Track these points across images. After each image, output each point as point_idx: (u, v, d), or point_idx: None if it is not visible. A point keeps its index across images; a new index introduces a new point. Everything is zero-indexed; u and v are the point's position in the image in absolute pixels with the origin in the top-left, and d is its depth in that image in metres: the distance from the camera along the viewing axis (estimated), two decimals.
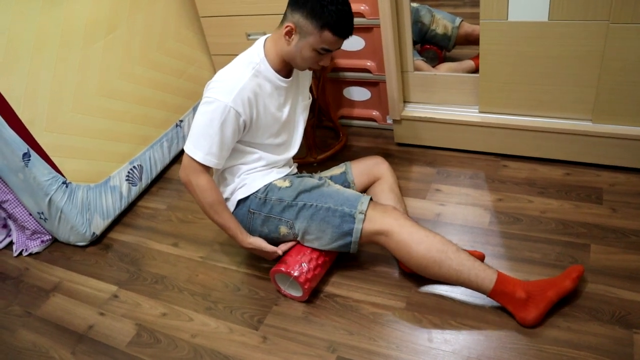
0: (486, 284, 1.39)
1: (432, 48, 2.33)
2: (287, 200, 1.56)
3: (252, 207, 1.61)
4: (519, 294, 1.37)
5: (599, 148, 1.85)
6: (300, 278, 1.53)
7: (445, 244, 1.42)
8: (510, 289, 1.37)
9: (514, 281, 1.39)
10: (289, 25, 1.43)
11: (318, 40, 1.42)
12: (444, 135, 2.13)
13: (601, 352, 1.31)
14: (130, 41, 2.17)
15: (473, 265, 1.39)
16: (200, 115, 1.48)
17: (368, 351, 1.43)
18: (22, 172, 1.85)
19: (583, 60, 1.73)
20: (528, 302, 1.37)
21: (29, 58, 1.78)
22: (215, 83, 1.48)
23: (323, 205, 1.52)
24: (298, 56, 1.47)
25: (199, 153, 1.48)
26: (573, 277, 1.40)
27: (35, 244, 2.08)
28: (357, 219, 1.48)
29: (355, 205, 1.50)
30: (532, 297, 1.37)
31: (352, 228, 1.49)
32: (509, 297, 1.38)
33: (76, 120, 1.97)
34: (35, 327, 1.74)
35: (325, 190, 1.57)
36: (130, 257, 1.96)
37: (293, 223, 1.56)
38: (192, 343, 1.56)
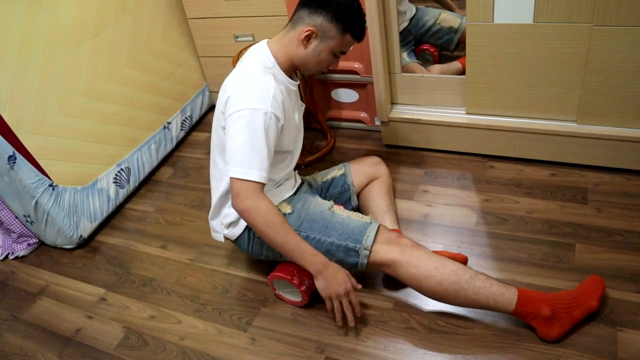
0: (506, 307, 1.34)
1: (428, 49, 2.34)
2: (295, 224, 1.50)
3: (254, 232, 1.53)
4: (544, 311, 1.32)
5: (584, 149, 1.88)
6: (302, 286, 1.52)
7: (457, 275, 1.36)
8: (533, 309, 1.33)
9: (537, 298, 1.34)
10: (311, 29, 1.40)
11: (339, 43, 1.44)
12: (431, 137, 2.14)
13: (586, 350, 1.33)
14: (117, 43, 2.17)
15: (490, 292, 1.34)
16: (238, 133, 1.35)
17: (356, 352, 1.44)
18: (8, 175, 1.83)
19: (567, 62, 1.75)
20: (553, 320, 1.33)
21: (15, 60, 1.77)
22: (241, 94, 1.38)
23: (327, 240, 1.47)
24: (314, 60, 1.46)
25: (254, 172, 1.35)
26: (598, 296, 1.36)
27: (22, 247, 2.07)
28: (362, 254, 1.44)
29: (360, 240, 1.44)
30: (557, 315, 1.33)
31: (356, 262, 1.45)
32: (532, 315, 1.34)
33: (63, 122, 1.95)
34: (22, 331, 1.73)
35: (330, 220, 1.50)
36: (118, 260, 1.95)
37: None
38: (180, 345, 1.56)
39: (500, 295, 1.34)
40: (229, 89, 1.41)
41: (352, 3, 1.42)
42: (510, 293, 1.34)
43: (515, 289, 1.35)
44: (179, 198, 2.21)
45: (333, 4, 1.39)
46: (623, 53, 1.65)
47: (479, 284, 1.35)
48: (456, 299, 1.37)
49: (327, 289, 1.39)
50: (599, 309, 1.38)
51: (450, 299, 1.38)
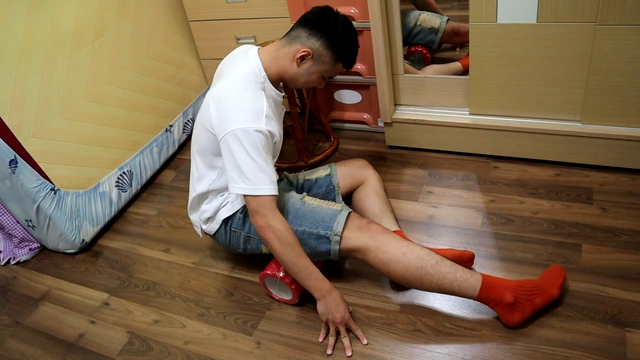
0: (469, 293, 1.38)
1: (419, 50, 2.34)
2: None
3: (233, 225, 1.59)
4: (507, 298, 1.36)
5: (589, 148, 1.87)
6: (287, 279, 1.53)
7: (423, 260, 1.39)
8: (496, 295, 1.37)
9: (501, 285, 1.38)
10: (307, 51, 1.43)
11: (330, 69, 1.49)
12: (435, 138, 2.13)
13: (594, 351, 1.31)
14: (118, 46, 2.16)
15: (454, 278, 1.37)
16: (240, 153, 1.36)
17: (363, 355, 1.43)
18: (9, 179, 1.82)
19: (571, 61, 1.74)
20: (515, 307, 1.37)
21: (16, 64, 1.76)
22: (234, 113, 1.38)
23: (298, 229, 1.50)
24: (303, 79, 1.49)
25: (264, 187, 1.38)
26: (559, 284, 1.41)
27: (24, 252, 2.05)
28: (333, 240, 1.47)
29: (331, 226, 1.48)
30: (519, 302, 1.37)
31: (328, 249, 1.49)
32: (495, 301, 1.38)
33: (64, 126, 1.94)
34: (24, 336, 1.71)
35: (301, 210, 1.53)
36: (121, 264, 1.94)
37: None
38: (185, 350, 1.55)
39: (465, 281, 1.37)
40: (222, 102, 1.41)
41: (351, 34, 1.47)
42: (475, 279, 1.38)
43: (480, 275, 1.39)
44: (182, 201, 2.20)
45: (333, 31, 1.44)
46: (627, 52, 1.64)
47: (444, 269, 1.38)
48: (422, 283, 1.41)
49: (326, 313, 1.45)
50: (560, 297, 1.43)
51: (417, 283, 1.42)
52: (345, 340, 1.45)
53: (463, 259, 1.58)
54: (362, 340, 1.46)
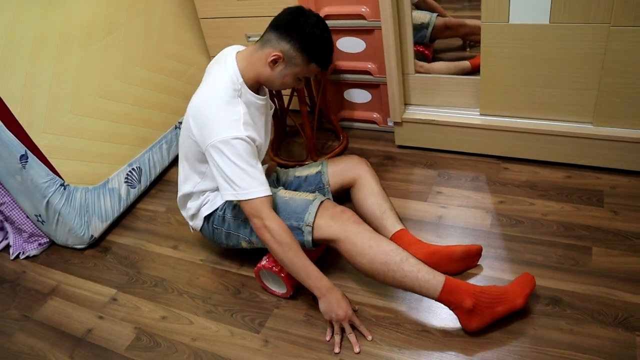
0: (430, 294, 1.37)
1: (419, 50, 2.32)
2: (241, 217, 1.58)
3: (214, 223, 1.65)
4: (466, 303, 1.34)
5: (600, 151, 1.86)
6: (275, 268, 1.55)
7: (388, 255, 1.39)
8: (456, 299, 1.35)
9: (462, 290, 1.36)
10: (277, 55, 1.44)
11: (304, 70, 1.49)
12: (445, 138, 2.12)
13: (604, 354, 1.30)
14: (129, 43, 2.16)
15: (416, 277, 1.36)
16: (224, 162, 1.40)
17: (370, 354, 1.42)
18: (20, 174, 1.83)
19: (584, 63, 1.73)
20: (473, 312, 1.36)
21: (28, 60, 1.77)
22: (213, 124, 1.42)
23: None
24: (278, 81, 1.50)
25: (254, 190, 1.41)
26: (525, 295, 1.38)
27: (33, 246, 2.06)
28: (305, 231, 1.48)
29: (302, 217, 1.49)
30: (479, 308, 1.35)
31: (302, 240, 1.49)
32: (455, 305, 1.37)
33: (74, 122, 1.95)
34: (33, 331, 1.72)
35: (275, 202, 1.54)
36: (129, 260, 1.95)
37: (249, 238, 1.60)
38: (192, 347, 1.55)
39: (426, 281, 1.36)
40: (199, 116, 1.45)
41: (322, 34, 1.46)
42: (437, 281, 1.36)
43: (443, 277, 1.37)
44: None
45: (302, 33, 1.43)
46: None
47: (408, 267, 1.37)
48: (385, 278, 1.41)
49: (329, 312, 1.45)
50: (525, 307, 1.39)
51: (380, 278, 1.42)
52: (351, 337, 1.45)
53: (471, 254, 1.59)
54: (366, 336, 1.46)
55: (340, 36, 2.20)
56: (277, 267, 1.57)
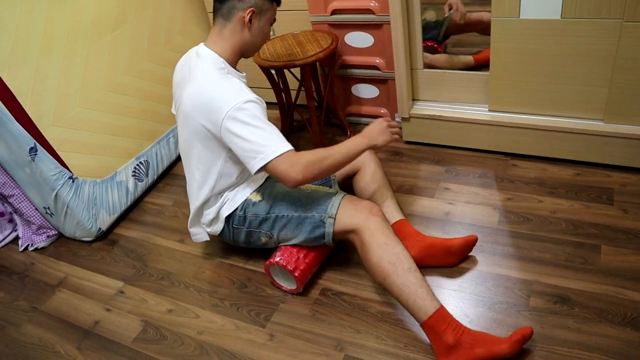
0: (420, 314, 1.32)
1: (430, 45, 2.30)
2: (262, 215, 1.58)
3: (234, 223, 1.63)
4: (447, 337, 1.28)
5: (610, 148, 1.83)
6: (289, 266, 1.55)
7: (399, 259, 1.36)
8: (441, 329, 1.29)
9: (450, 323, 1.30)
10: (252, 9, 1.45)
11: (273, 12, 1.53)
12: (453, 134, 2.11)
13: (612, 354, 1.29)
14: (137, 37, 2.17)
15: (416, 291, 1.32)
16: (243, 129, 1.38)
17: (376, 350, 1.42)
18: (29, 167, 1.84)
19: (595, 59, 1.71)
20: (453, 350, 1.28)
21: (37, 53, 1.77)
22: (220, 100, 1.40)
23: (294, 214, 1.53)
24: (260, 37, 1.53)
25: (280, 145, 1.39)
26: (513, 341, 1.26)
27: (41, 238, 2.08)
28: (327, 223, 1.49)
29: (325, 209, 1.49)
30: (459, 346, 1.28)
31: (323, 232, 1.50)
32: (437, 335, 1.30)
33: (83, 115, 1.96)
34: (41, 322, 1.74)
35: (295, 195, 1.56)
36: (136, 253, 1.95)
37: (271, 234, 1.59)
38: (198, 340, 1.55)
39: (422, 299, 1.32)
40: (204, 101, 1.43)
41: None
42: (432, 305, 1.31)
43: (439, 304, 1.32)
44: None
45: None
46: None
47: (412, 278, 1.34)
48: (385, 279, 1.37)
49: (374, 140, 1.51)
50: (514, 353, 1.27)
51: (380, 277, 1.39)
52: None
53: (468, 245, 1.59)
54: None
55: (348, 31, 2.18)
56: (287, 263, 1.55)
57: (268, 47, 2.11)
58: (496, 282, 1.54)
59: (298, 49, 2.04)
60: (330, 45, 2.01)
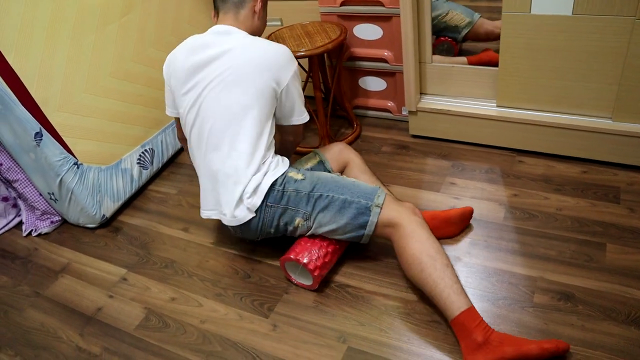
0: (452, 309, 1.32)
1: (447, 40, 2.29)
2: (304, 192, 1.54)
3: (269, 201, 1.55)
4: (476, 335, 1.27)
5: (618, 147, 1.83)
6: (310, 265, 1.53)
7: (438, 254, 1.39)
8: (471, 326, 1.29)
9: (480, 323, 1.30)
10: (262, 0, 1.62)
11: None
12: (460, 129, 2.10)
13: (615, 352, 1.29)
14: (144, 24, 2.15)
15: (451, 286, 1.34)
16: (299, 87, 1.60)
17: (379, 343, 1.42)
18: (34, 152, 1.84)
19: (606, 56, 1.69)
20: (481, 348, 1.27)
21: (44, 38, 1.76)
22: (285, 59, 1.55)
23: (340, 197, 1.51)
24: (264, 23, 1.69)
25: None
26: (543, 347, 1.25)
27: (45, 224, 2.08)
28: (373, 212, 1.48)
29: (372, 198, 1.49)
30: (487, 344, 1.27)
31: (367, 221, 1.48)
32: (466, 332, 1.29)
33: (89, 101, 1.95)
34: (44, 307, 1.74)
35: (342, 181, 1.56)
36: (140, 241, 1.95)
37: (310, 214, 1.53)
38: (201, 329, 1.56)
39: (456, 295, 1.33)
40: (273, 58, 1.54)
41: None
42: (464, 302, 1.32)
43: (471, 304, 1.32)
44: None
45: None
46: None
47: (449, 274, 1.36)
48: (421, 272, 1.38)
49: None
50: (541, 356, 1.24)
51: (417, 270, 1.39)
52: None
53: (465, 216, 1.69)
54: None
55: (357, 22, 2.17)
56: (304, 259, 1.53)
57: (276, 37, 2.09)
58: (501, 277, 1.54)
59: (306, 39, 2.02)
60: (338, 36, 2.00)
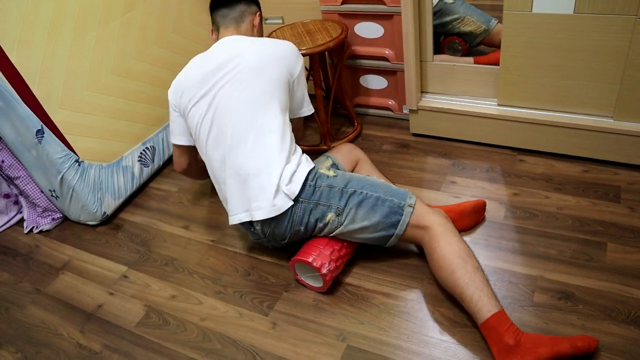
0: (483, 312, 1.31)
1: (457, 39, 2.27)
2: (338, 187, 1.53)
3: (301, 196, 1.52)
4: (508, 339, 1.26)
5: (619, 146, 1.82)
6: (327, 276, 1.52)
7: (469, 257, 1.39)
8: (502, 330, 1.27)
9: (511, 326, 1.29)
10: (259, 14, 1.73)
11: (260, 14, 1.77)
12: (461, 127, 2.10)
13: (615, 351, 1.29)
14: (146, 21, 2.15)
15: (482, 289, 1.33)
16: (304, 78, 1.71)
17: (378, 341, 1.42)
18: (35, 149, 1.84)
19: (607, 55, 1.69)
20: (514, 351, 1.25)
21: (45, 35, 1.76)
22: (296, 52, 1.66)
23: (373, 194, 1.50)
24: (260, 36, 1.75)
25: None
26: (576, 345, 1.24)
27: (46, 221, 2.08)
28: (406, 211, 1.48)
29: (405, 198, 1.50)
30: (520, 346, 1.25)
31: (399, 220, 1.48)
32: (497, 336, 1.28)
33: (90, 98, 1.95)
34: (45, 304, 1.74)
35: (374, 180, 1.56)
36: (140, 238, 1.96)
37: (342, 209, 1.51)
38: (201, 326, 1.56)
39: (487, 298, 1.32)
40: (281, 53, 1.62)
41: None
42: (495, 305, 1.31)
43: (501, 307, 1.32)
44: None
45: None
46: None
47: (479, 277, 1.36)
48: (452, 274, 1.38)
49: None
50: (574, 354, 1.23)
51: (448, 272, 1.39)
52: None
53: (478, 208, 1.72)
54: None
55: (358, 21, 2.17)
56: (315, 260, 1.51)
57: (277, 35, 2.09)
58: (501, 276, 1.54)
59: (307, 37, 2.02)
60: (340, 35, 2.00)
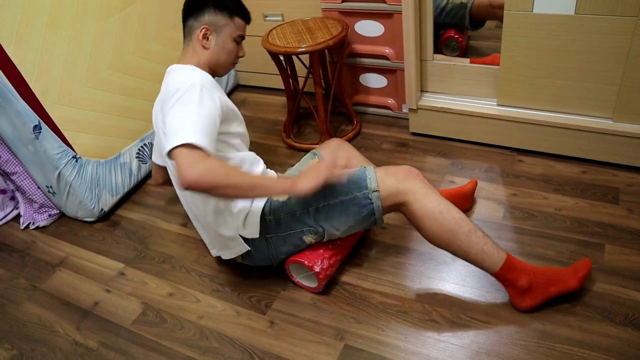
0: (491, 269, 1.39)
1: (454, 37, 2.27)
2: (298, 211, 1.46)
3: (267, 233, 1.50)
4: (522, 282, 1.38)
5: (618, 147, 1.82)
6: (321, 274, 1.51)
7: (457, 224, 1.36)
8: (513, 277, 1.38)
9: (520, 268, 1.39)
10: (204, 27, 1.44)
11: (234, 28, 1.48)
12: (460, 127, 2.09)
13: (612, 353, 1.29)
14: (145, 17, 2.14)
15: (482, 250, 1.37)
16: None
17: (376, 340, 1.42)
18: (33, 145, 1.83)
19: (608, 56, 1.69)
20: (527, 292, 1.39)
21: (43, 30, 1.75)
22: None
23: (335, 201, 1.43)
24: (222, 53, 1.48)
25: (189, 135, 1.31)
26: (579, 277, 1.39)
27: (43, 217, 2.07)
28: (374, 197, 1.41)
29: (365, 185, 1.41)
30: (533, 288, 1.39)
31: (372, 209, 1.42)
32: (510, 282, 1.39)
33: (88, 94, 1.94)
34: (41, 301, 1.74)
35: (328, 184, 1.36)
36: (137, 235, 1.95)
37: (315, 228, 1.47)
38: (198, 324, 1.55)
39: (490, 255, 1.38)
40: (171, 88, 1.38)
41: None
42: (499, 257, 1.38)
43: (505, 253, 1.39)
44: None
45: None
46: None
47: (475, 239, 1.38)
48: (449, 245, 1.40)
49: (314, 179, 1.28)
50: (579, 289, 1.41)
51: (444, 244, 1.41)
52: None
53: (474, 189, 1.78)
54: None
55: (359, 19, 2.16)
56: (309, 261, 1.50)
57: (277, 33, 2.09)
58: None
59: (307, 35, 2.01)
60: (340, 32, 1.99)
